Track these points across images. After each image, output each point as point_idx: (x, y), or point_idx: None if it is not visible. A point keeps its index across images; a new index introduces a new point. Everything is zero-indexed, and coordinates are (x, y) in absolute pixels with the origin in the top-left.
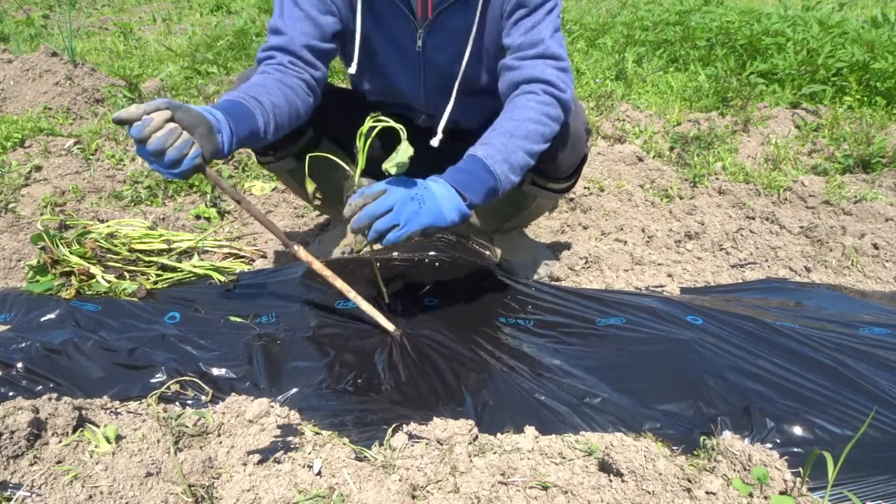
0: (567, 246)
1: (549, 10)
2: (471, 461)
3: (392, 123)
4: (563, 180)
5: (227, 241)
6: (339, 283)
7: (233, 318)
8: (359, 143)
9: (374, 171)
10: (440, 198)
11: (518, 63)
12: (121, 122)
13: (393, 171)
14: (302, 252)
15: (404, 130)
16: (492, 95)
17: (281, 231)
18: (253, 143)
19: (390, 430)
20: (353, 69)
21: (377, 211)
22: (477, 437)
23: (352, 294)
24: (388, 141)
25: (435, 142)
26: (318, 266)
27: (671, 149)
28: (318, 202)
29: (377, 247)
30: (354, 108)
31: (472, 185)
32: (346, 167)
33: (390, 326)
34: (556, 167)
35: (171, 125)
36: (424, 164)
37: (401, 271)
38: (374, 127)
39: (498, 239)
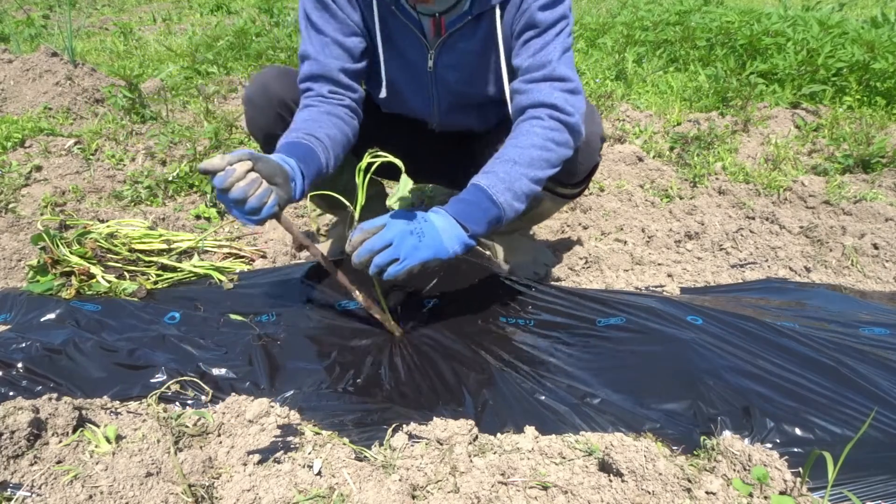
0: (567, 246)
1: (559, 31)
2: (471, 461)
3: (391, 159)
4: (574, 186)
5: (227, 241)
6: (386, 322)
7: (233, 318)
8: (358, 180)
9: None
10: (441, 230)
11: (525, 87)
12: (206, 173)
13: (396, 206)
14: (362, 298)
15: (402, 166)
16: (504, 103)
17: (346, 279)
18: (319, 181)
19: (390, 430)
20: (383, 94)
21: (376, 246)
22: (477, 437)
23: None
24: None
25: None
26: (378, 313)
27: (671, 149)
28: (324, 240)
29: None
30: (370, 112)
31: (473, 215)
32: (348, 204)
33: (397, 331)
34: (568, 172)
35: (253, 175)
36: (433, 169)
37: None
38: (373, 163)
39: (498, 239)
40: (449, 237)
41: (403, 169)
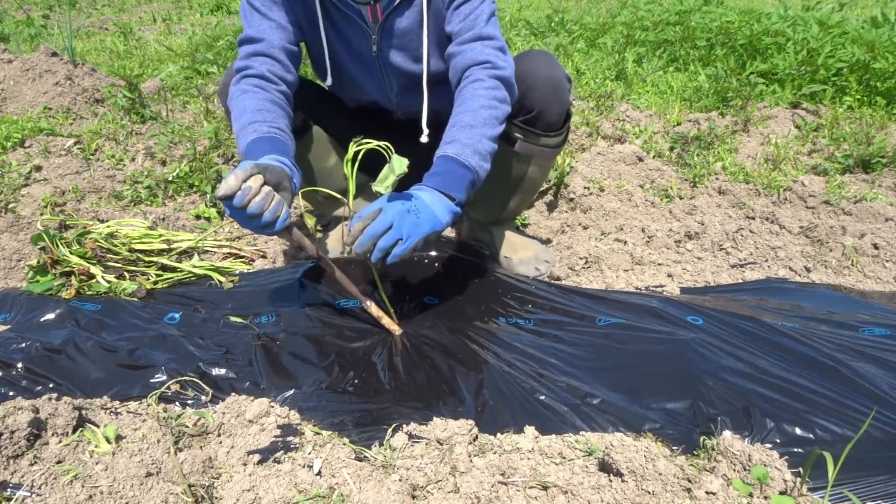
0: (567, 246)
1: None
2: (471, 461)
3: (376, 144)
4: (554, 133)
5: (227, 241)
6: (387, 321)
7: (233, 318)
8: (346, 170)
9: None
10: (431, 204)
11: (459, 49)
12: (226, 199)
13: (384, 191)
14: (374, 308)
15: (391, 148)
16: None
17: (356, 288)
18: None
19: (390, 430)
20: (329, 82)
21: (378, 229)
22: (477, 437)
23: (396, 330)
24: (375, 155)
25: (424, 138)
26: (386, 321)
27: (671, 149)
28: (319, 235)
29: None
30: (343, 107)
31: (453, 183)
32: (338, 196)
33: (398, 331)
34: (545, 116)
35: (266, 189)
36: (412, 158)
37: (401, 270)
38: (358, 152)
39: (498, 238)
40: (440, 209)
41: (393, 151)
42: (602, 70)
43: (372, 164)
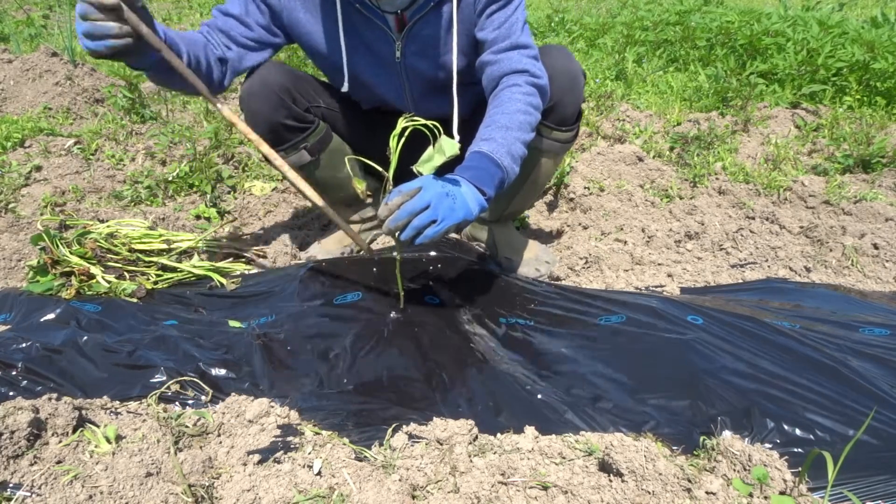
0: (567, 246)
1: (517, 5)
2: (471, 461)
3: (426, 122)
4: (566, 129)
5: (228, 241)
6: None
7: (232, 319)
8: (392, 144)
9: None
10: (465, 193)
11: (496, 57)
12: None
13: (427, 171)
14: (226, 111)
15: (439, 128)
16: (475, 85)
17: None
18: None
19: (390, 430)
20: (345, 88)
21: (416, 207)
22: (477, 437)
23: (311, 194)
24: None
25: (455, 143)
26: (254, 138)
27: (671, 149)
28: (369, 199)
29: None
30: (357, 108)
31: (486, 179)
32: (380, 168)
33: (364, 244)
34: (560, 109)
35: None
36: (421, 146)
37: (401, 270)
38: (407, 128)
39: (498, 238)
40: (472, 200)
41: (441, 131)
42: (602, 70)
43: (386, 164)
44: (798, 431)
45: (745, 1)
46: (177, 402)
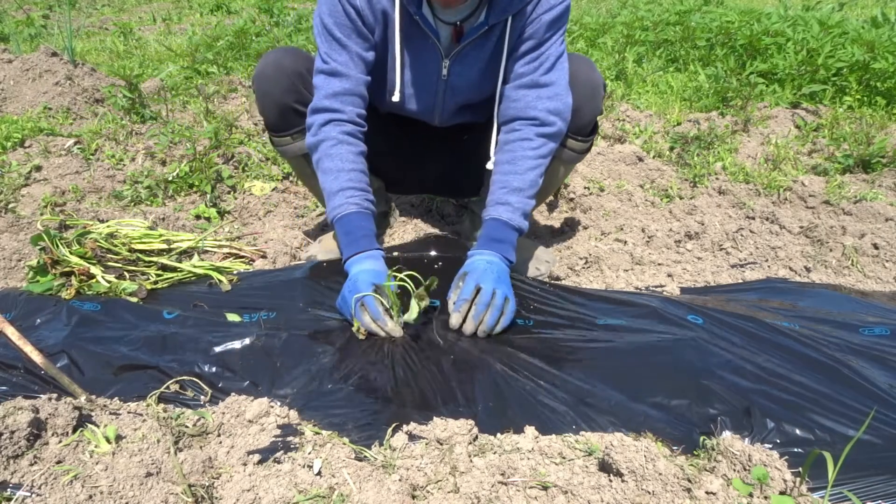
0: (567, 246)
1: (555, 41)
2: (471, 461)
3: (406, 282)
4: (581, 139)
5: (227, 241)
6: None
7: (232, 318)
8: (389, 294)
9: (406, 185)
10: (496, 262)
11: (513, 94)
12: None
13: (411, 320)
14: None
15: (413, 288)
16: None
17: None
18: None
19: (390, 430)
20: (396, 97)
21: (491, 319)
22: (477, 437)
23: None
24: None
25: (489, 165)
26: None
27: (671, 149)
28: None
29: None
30: (371, 107)
31: (509, 249)
32: (409, 285)
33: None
34: (578, 117)
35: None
36: (444, 160)
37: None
38: (400, 281)
39: None
40: (504, 275)
41: (428, 283)
42: (602, 70)
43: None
44: (798, 431)
45: (745, 1)
46: (177, 402)
